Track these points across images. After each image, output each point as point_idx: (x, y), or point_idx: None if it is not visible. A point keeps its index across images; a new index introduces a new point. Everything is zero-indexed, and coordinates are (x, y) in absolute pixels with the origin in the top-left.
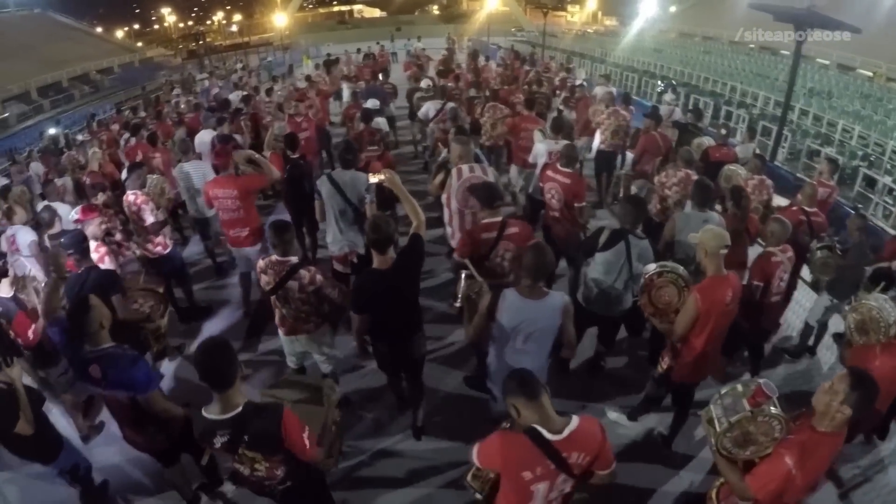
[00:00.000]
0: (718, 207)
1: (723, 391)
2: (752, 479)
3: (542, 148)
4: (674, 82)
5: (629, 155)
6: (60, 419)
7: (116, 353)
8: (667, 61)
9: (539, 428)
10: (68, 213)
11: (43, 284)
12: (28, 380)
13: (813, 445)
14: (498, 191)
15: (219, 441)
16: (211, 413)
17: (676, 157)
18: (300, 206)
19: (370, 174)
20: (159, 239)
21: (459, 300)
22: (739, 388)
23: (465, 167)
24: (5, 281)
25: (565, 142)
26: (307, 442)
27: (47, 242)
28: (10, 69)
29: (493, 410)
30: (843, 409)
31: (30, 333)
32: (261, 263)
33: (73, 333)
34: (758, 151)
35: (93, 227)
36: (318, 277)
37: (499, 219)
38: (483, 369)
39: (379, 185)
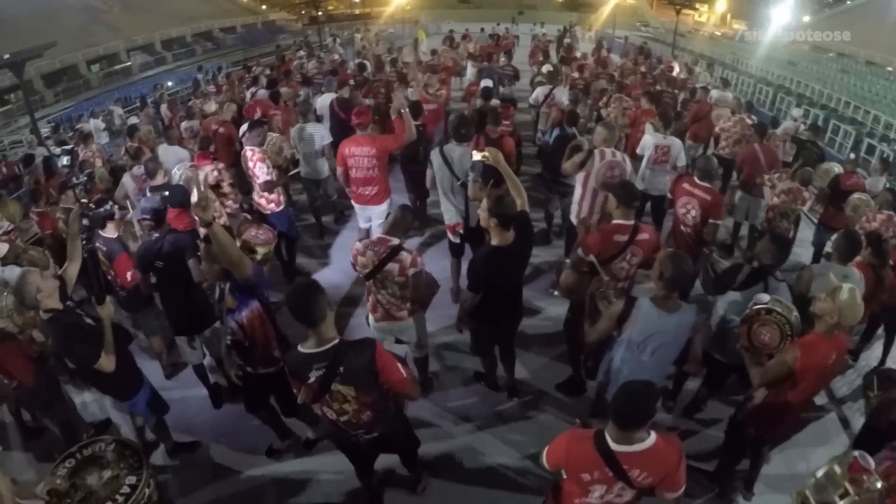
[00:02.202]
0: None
1: (818, 473)
2: None
3: (649, 140)
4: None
5: None
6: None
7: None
8: (802, 76)
9: (606, 435)
10: (185, 159)
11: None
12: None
13: None
14: (636, 190)
15: (314, 375)
16: (307, 347)
17: (791, 174)
18: (412, 171)
19: (474, 151)
20: (273, 196)
21: (560, 290)
22: (837, 469)
23: (607, 150)
24: (113, 222)
25: (673, 137)
26: (403, 372)
27: (149, 193)
28: (138, 21)
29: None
30: None
31: (128, 275)
32: (358, 245)
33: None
34: (888, 185)
35: (204, 174)
36: (420, 260)
37: (632, 222)
38: (579, 373)
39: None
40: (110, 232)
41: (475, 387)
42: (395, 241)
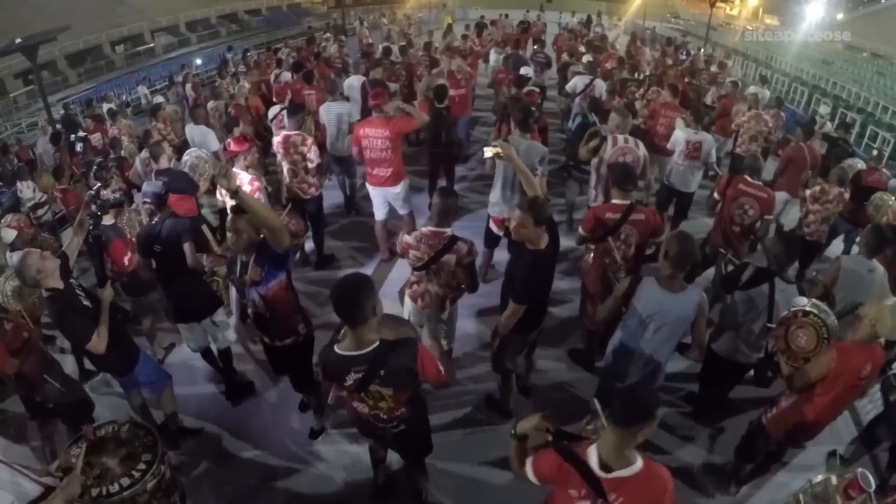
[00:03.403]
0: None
1: (815, 480)
2: None
3: (680, 136)
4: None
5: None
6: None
7: (265, 246)
8: (837, 77)
9: (590, 461)
10: (212, 140)
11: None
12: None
13: None
14: (632, 174)
15: (352, 378)
16: (345, 349)
17: (827, 172)
18: (437, 153)
19: (486, 147)
20: (313, 180)
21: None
22: (834, 480)
23: (620, 137)
24: (113, 210)
25: (705, 133)
26: (442, 368)
27: (153, 176)
28: (162, 2)
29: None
30: None
31: (125, 259)
32: (409, 239)
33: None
34: None
35: (251, 157)
36: (476, 249)
37: (626, 202)
38: (591, 347)
39: None
40: (107, 219)
41: (487, 383)
42: (449, 231)
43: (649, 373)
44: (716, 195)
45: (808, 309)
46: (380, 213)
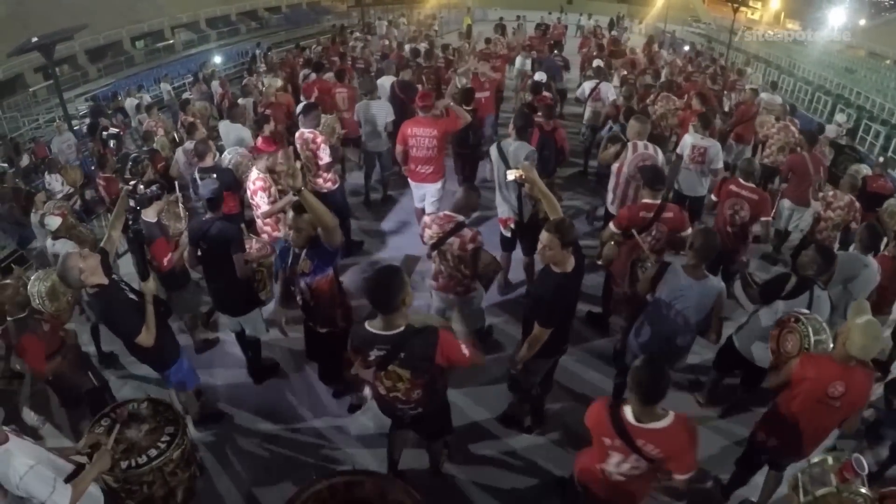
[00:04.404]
0: None
1: (813, 461)
2: None
3: (688, 140)
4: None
5: None
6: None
7: (317, 242)
8: (860, 86)
9: (626, 408)
10: (249, 138)
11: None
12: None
13: None
14: (662, 176)
15: (374, 354)
16: (373, 327)
17: (835, 179)
18: (463, 154)
19: (508, 171)
20: (329, 175)
21: (602, 260)
22: (830, 460)
23: (640, 143)
24: (155, 205)
25: (711, 139)
26: (467, 352)
27: (196, 175)
28: None
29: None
30: None
31: (165, 260)
32: (426, 219)
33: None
34: None
35: (272, 160)
36: (480, 238)
37: (658, 201)
38: (607, 310)
39: None
40: (150, 216)
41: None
42: (461, 217)
43: (672, 353)
44: (713, 196)
45: (799, 316)
46: (419, 203)
